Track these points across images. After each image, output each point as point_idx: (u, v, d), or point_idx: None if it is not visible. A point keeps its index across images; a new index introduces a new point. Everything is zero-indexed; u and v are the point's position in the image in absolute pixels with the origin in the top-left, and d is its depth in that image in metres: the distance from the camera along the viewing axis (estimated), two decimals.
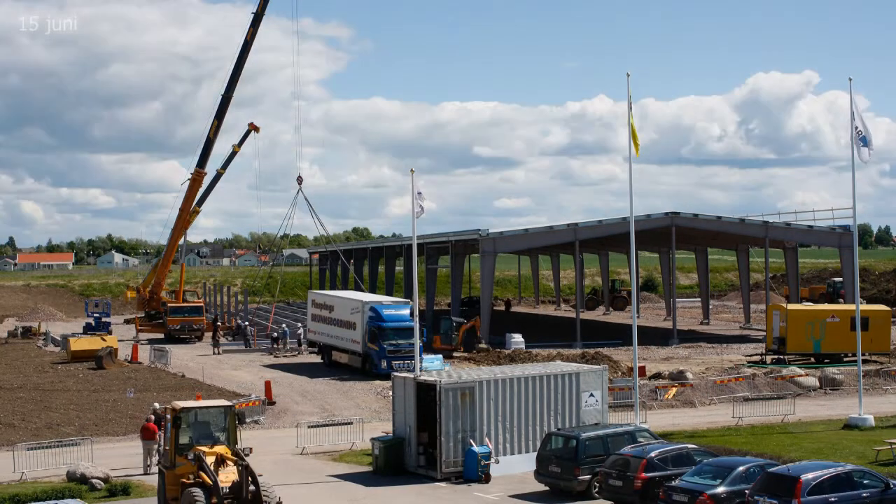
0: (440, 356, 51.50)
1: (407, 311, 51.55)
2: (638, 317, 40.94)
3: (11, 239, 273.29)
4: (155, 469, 32.73)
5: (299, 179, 78.78)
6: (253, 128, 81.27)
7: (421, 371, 34.20)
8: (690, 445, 27.05)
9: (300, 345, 64.67)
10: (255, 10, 74.40)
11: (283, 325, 68.74)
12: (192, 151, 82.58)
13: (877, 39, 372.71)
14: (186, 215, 79.20)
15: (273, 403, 42.59)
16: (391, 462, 30.00)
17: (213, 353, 63.43)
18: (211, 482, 22.40)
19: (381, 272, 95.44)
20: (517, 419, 30.25)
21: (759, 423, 37.16)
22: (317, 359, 58.97)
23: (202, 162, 78.15)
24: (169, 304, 76.65)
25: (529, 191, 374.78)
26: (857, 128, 36.03)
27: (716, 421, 37.92)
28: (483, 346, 59.87)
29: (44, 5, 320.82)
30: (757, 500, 22.07)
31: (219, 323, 74.94)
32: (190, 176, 78.35)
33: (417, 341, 36.06)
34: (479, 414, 29.55)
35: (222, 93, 76.00)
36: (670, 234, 68.25)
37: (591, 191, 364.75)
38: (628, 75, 34.42)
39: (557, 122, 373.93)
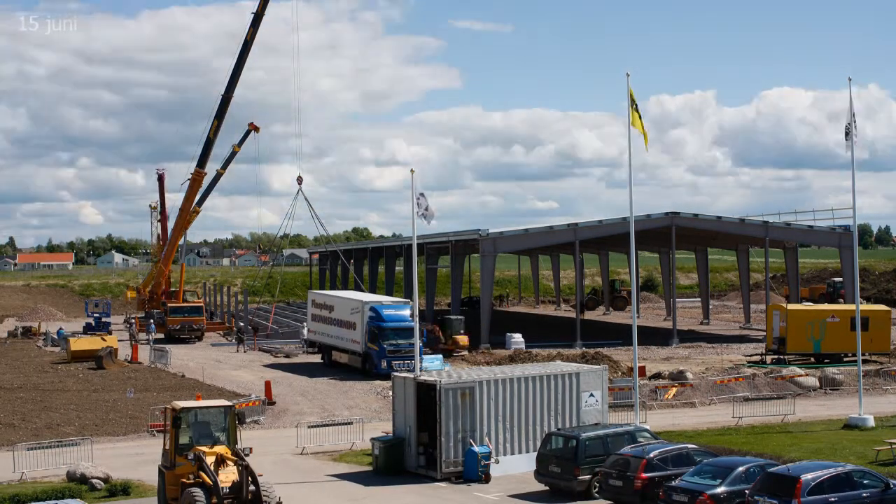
0: (440, 356, 51.56)
1: (407, 312, 51.53)
2: (638, 317, 40.98)
3: (11, 239, 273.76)
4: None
5: (299, 179, 78.88)
6: (253, 128, 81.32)
7: (421, 371, 34.19)
8: (690, 445, 27.04)
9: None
10: (254, 10, 74.52)
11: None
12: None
13: None
14: (186, 215, 79.37)
15: (273, 403, 42.58)
16: (391, 462, 30.00)
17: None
18: (211, 482, 22.39)
19: (381, 272, 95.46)
20: (517, 419, 30.24)
21: (759, 423, 37.16)
22: (317, 359, 58.99)
23: (202, 162, 78.30)
24: (169, 304, 76.69)
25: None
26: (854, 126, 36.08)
27: (716, 421, 37.91)
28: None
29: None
30: (757, 500, 22.07)
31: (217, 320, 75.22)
32: (190, 176, 78.59)
33: (417, 341, 36.07)
34: (479, 414, 29.54)
35: (222, 93, 76.22)
36: (670, 234, 68.24)
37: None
38: (628, 75, 34.40)
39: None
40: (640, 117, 33.87)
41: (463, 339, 59.15)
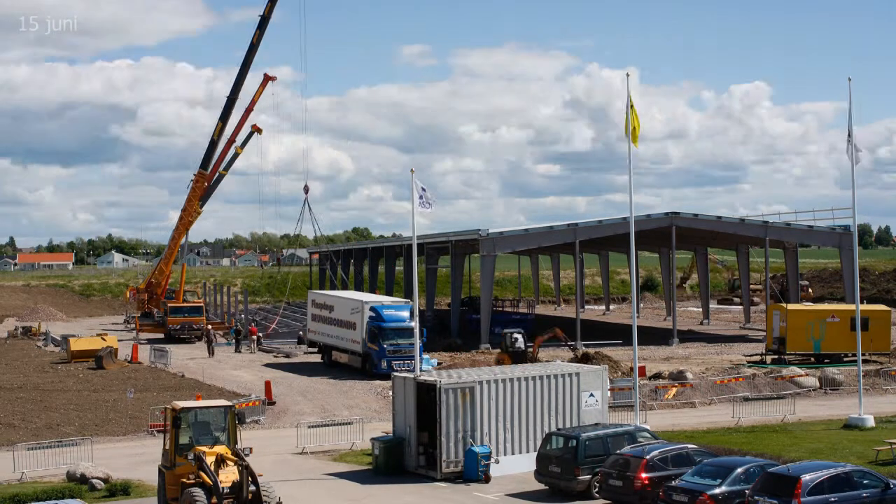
0: (436, 360, 51.53)
1: (407, 312, 51.55)
2: (638, 317, 40.99)
3: (11, 239, 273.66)
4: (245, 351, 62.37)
5: (306, 189, 79.41)
6: (256, 129, 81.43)
7: (421, 371, 34.20)
8: (690, 445, 27.02)
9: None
10: (261, 13, 74.87)
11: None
12: None
13: None
14: (189, 216, 79.52)
15: (273, 403, 42.58)
16: (391, 462, 30.00)
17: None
18: (211, 482, 22.39)
19: (381, 272, 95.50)
20: (517, 419, 30.23)
21: (759, 423, 37.17)
22: (317, 359, 58.98)
23: (205, 164, 78.45)
24: (169, 304, 76.71)
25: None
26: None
27: (716, 421, 37.91)
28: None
29: None
30: (757, 500, 22.07)
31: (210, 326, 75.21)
32: (193, 177, 78.76)
33: (417, 341, 36.08)
34: (479, 414, 29.54)
35: (227, 95, 76.83)
36: (670, 234, 68.26)
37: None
38: (628, 75, 34.57)
39: None
40: (635, 117, 33.82)
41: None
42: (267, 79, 79.00)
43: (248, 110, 79.49)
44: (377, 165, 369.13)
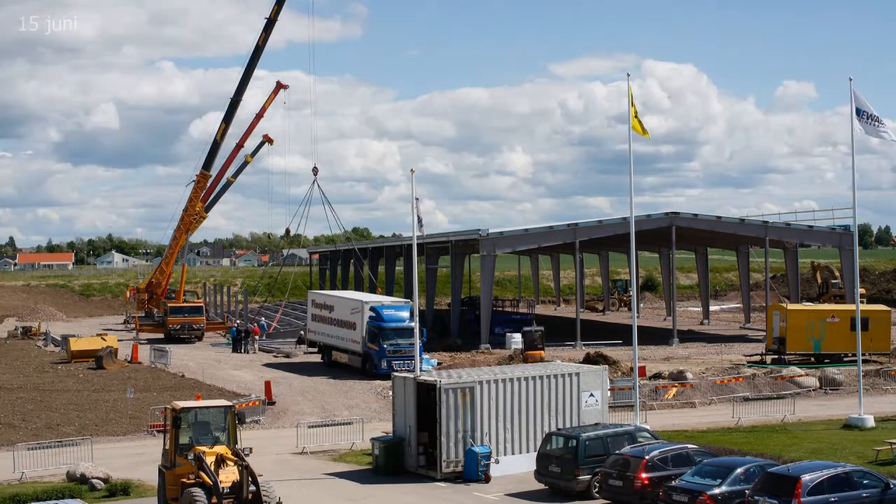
0: (436, 360, 51.50)
1: (407, 312, 51.55)
2: (638, 317, 40.97)
3: (11, 239, 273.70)
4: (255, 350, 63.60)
5: (315, 170, 77.15)
6: (267, 139, 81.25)
7: (421, 371, 34.21)
8: (690, 445, 27.03)
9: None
10: (268, 16, 74.72)
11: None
12: None
13: None
14: (189, 216, 79.45)
15: (273, 403, 42.59)
16: (391, 462, 30.01)
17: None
18: (211, 482, 22.40)
19: (381, 272, 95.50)
20: (517, 419, 30.24)
21: (759, 423, 37.18)
22: (317, 358, 58.99)
23: (207, 164, 78.40)
24: (169, 304, 76.70)
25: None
26: (870, 114, 35.99)
27: (716, 421, 37.91)
28: None
29: None
30: (757, 500, 22.08)
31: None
32: (195, 177, 78.72)
33: (417, 341, 36.07)
34: (479, 414, 29.54)
35: (231, 96, 76.72)
36: (670, 234, 68.25)
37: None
38: (628, 75, 34.79)
39: None
40: (636, 116, 34.05)
41: (538, 354, 50.48)
42: (279, 86, 78.90)
43: (258, 116, 79.65)
44: (415, 165, 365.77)
